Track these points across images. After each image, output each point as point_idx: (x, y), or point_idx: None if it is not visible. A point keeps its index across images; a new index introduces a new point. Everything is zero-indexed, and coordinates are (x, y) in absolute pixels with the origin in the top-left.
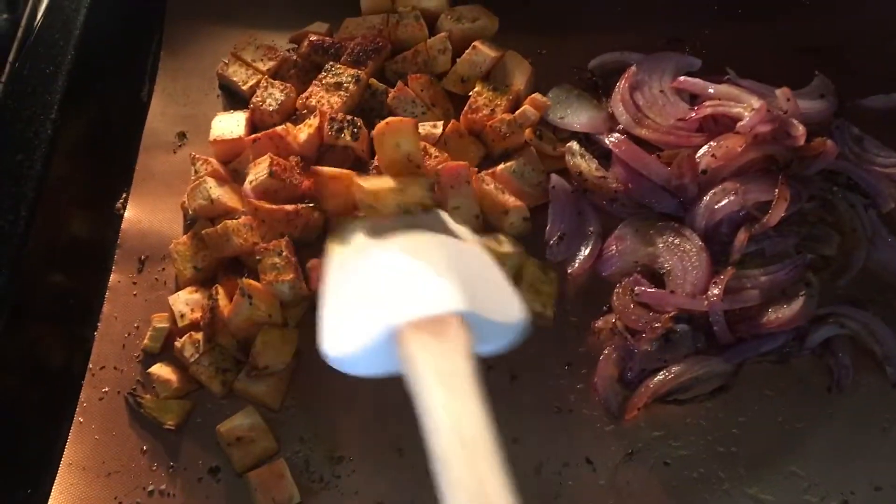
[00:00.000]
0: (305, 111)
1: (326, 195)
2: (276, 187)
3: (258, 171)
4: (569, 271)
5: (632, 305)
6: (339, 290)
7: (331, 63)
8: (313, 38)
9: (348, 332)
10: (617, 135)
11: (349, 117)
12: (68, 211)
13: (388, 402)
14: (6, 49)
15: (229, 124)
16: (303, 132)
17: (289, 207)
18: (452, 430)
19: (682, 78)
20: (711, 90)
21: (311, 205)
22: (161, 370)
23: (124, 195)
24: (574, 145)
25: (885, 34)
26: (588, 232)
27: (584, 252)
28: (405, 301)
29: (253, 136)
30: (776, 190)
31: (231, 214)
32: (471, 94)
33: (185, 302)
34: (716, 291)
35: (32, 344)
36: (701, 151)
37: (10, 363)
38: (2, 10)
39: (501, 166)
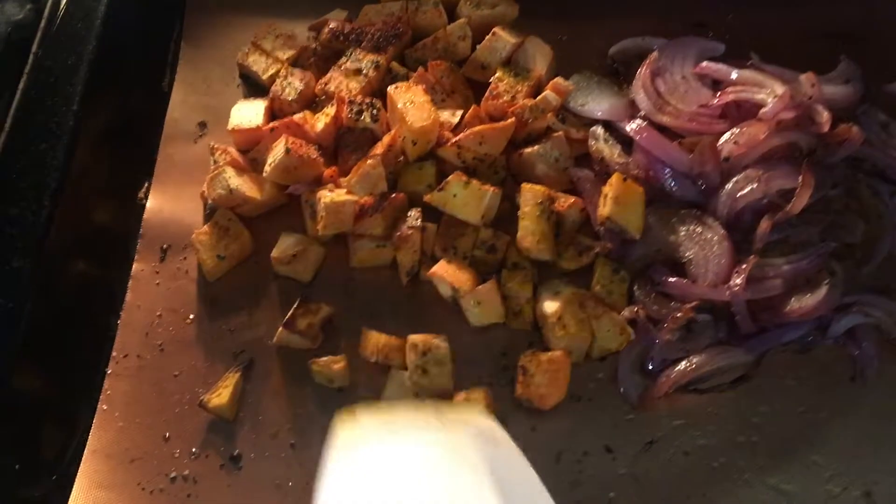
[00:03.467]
0: (324, 97)
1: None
2: (295, 164)
3: (276, 154)
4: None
5: (653, 295)
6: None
7: (351, 49)
8: (333, 25)
9: None
10: (638, 121)
11: (368, 99)
12: (91, 200)
13: None
14: (30, 39)
15: (248, 113)
16: (320, 121)
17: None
18: None
19: (704, 63)
20: (734, 76)
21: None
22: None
23: (146, 185)
24: (598, 129)
25: None
26: None
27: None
28: None
29: (270, 124)
30: (800, 177)
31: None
32: (491, 80)
33: None
34: (738, 281)
35: (56, 332)
36: (723, 138)
37: (35, 351)
38: (26, 0)
39: (528, 150)
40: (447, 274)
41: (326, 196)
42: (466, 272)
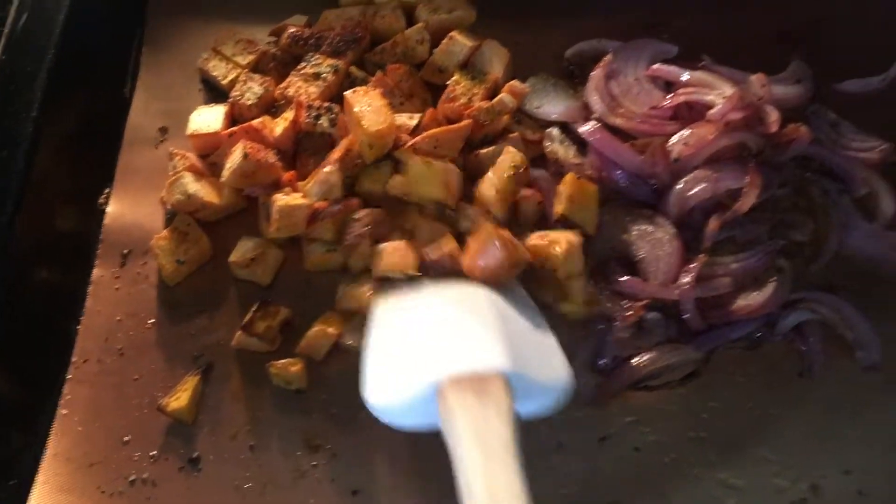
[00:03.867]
0: (284, 102)
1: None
2: (253, 169)
3: (234, 159)
4: None
5: (607, 293)
6: (384, 339)
7: (310, 54)
8: (293, 30)
9: (391, 383)
10: (592, 123)
11: (326, 104)
12: (52, 206)
13: None
14: None
15: (207, 118)
16: (279, 126)
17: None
18: (486, 494)
19: (656, 66)
20: (685, 77)
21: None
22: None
23: (107, 190)
24: (554, 131)
25: (862, 18)
26: None
27: None
28: (448, 356)
29: (229, 129)
30: (747, 177)
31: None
32: (448, 82)
33: None
34: (687, 279)
35: (17, 337)
36: (673, 139)
37: None
38: None
39: (483, 151)
40: (392, 265)
41: (280, 199)
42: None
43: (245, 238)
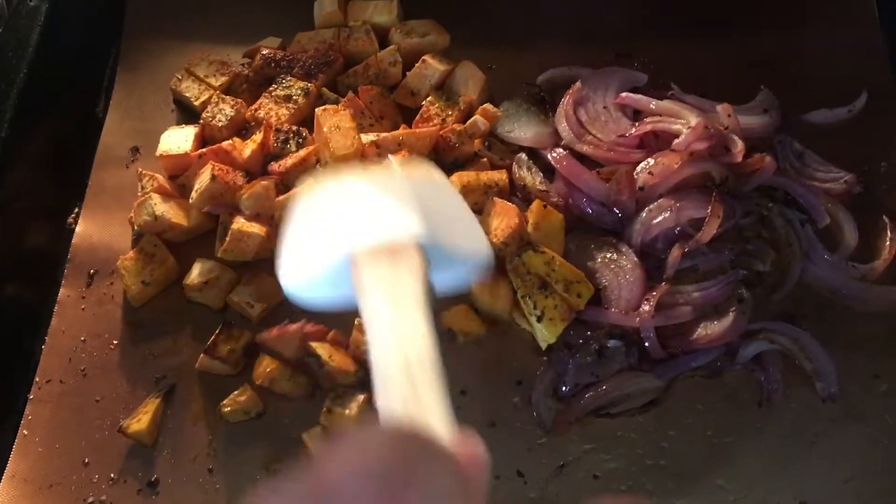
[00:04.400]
0: (254, 124)
1: None
2: (221, 190)
3: (202, 180)
4: None
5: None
6: (299, 222)
7: (282, 76)
8: (265, 52)
9: (305, 261)
10: (559, 150)
11: (294, 127)
12: (21, 225)
13: None
14: None
15: (177, 139)
16: (247, 147)
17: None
18: (397, 349)
19: (623, 94)
20: (653, 106)
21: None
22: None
23: (77, 209)
24: (522, 157)
25: (830, 49)
26: None
27: None
28: (361, 228)
29: (199, 150)
30: (710, 207)
31: (177, 228)
32: (423, 103)
33: None
34: (647, 308)
35: None
36: (639, 168)
37: None
38: None
39: (455, 174)
40: None
41: (238, 222)
42: None
43: (200, 260)
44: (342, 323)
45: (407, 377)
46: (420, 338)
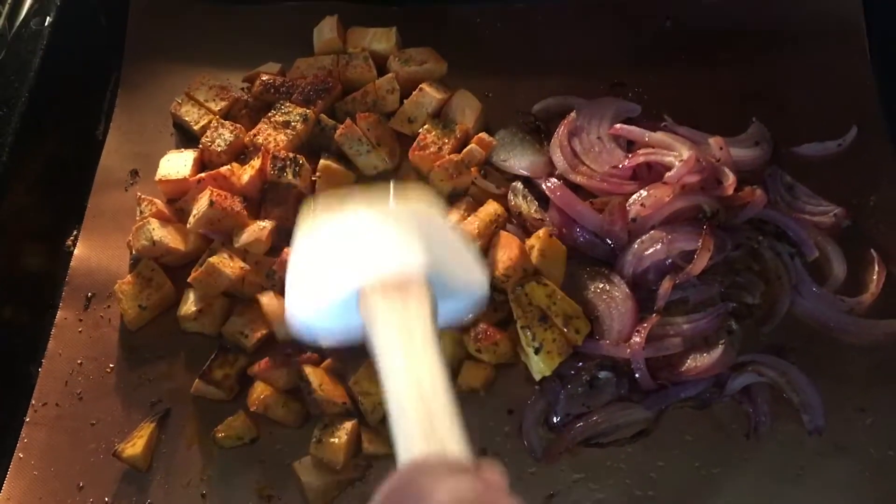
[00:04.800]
0: (253, 149)
1: None
2: (219, 216)
3: (200, 205)
4: None
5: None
6: (303, 256)
7: (281, 102)
8: (265, 77)
9: (312, 296)
10: (553, 180)
11: (291, 155)
12: (20, 247)
13: None
14: None
15: (176, 164)
16: (246, 173)
17: None
18: (412, 381)
19: (617, 125)
20: (647, 138)
21: None
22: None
23: (75, 232)
24: (518, 185)
25: (821, 82)
26: None
27: None
28: (369, 262)
29: (198, 175)
30: (700, 239)
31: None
32: (420, 130)
33: None
34: (637, 339)
35: None
36: (631, 199)
37: None
38: None
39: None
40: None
41: (216, 258)
42: None
43: (191, 289)
44: (339, 353)
45: (423, 408)
46: (433, 369)
